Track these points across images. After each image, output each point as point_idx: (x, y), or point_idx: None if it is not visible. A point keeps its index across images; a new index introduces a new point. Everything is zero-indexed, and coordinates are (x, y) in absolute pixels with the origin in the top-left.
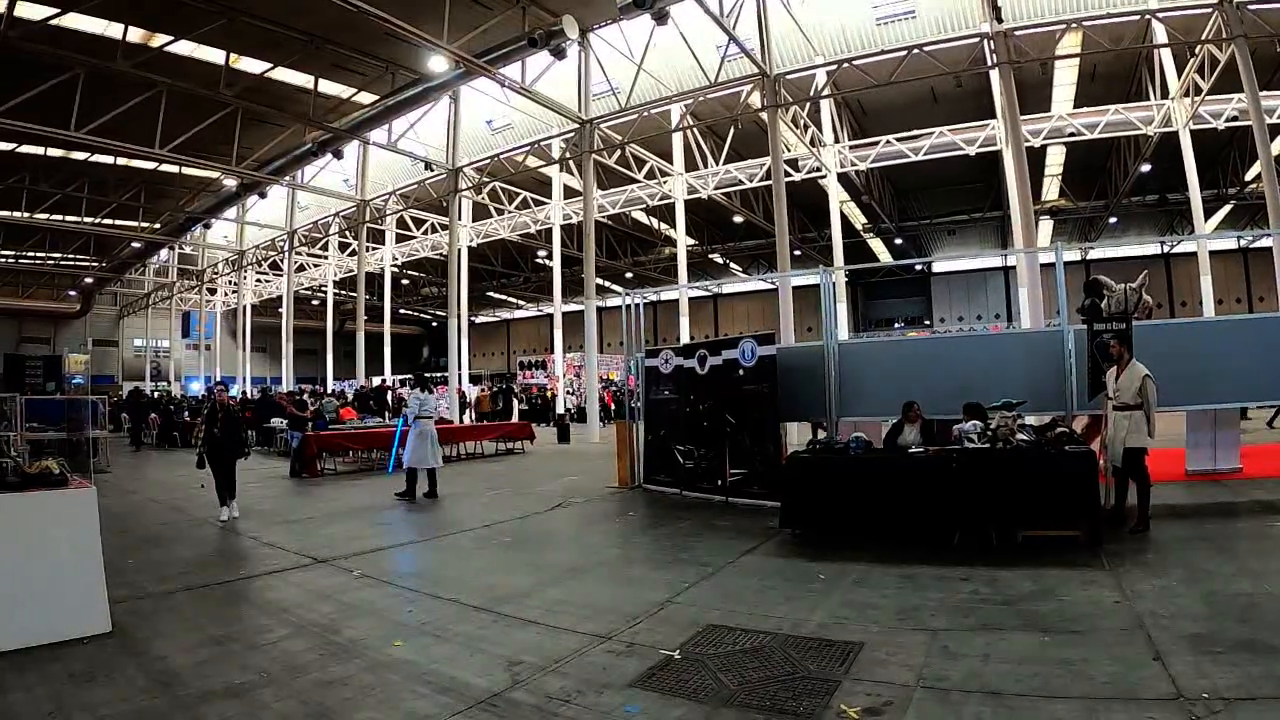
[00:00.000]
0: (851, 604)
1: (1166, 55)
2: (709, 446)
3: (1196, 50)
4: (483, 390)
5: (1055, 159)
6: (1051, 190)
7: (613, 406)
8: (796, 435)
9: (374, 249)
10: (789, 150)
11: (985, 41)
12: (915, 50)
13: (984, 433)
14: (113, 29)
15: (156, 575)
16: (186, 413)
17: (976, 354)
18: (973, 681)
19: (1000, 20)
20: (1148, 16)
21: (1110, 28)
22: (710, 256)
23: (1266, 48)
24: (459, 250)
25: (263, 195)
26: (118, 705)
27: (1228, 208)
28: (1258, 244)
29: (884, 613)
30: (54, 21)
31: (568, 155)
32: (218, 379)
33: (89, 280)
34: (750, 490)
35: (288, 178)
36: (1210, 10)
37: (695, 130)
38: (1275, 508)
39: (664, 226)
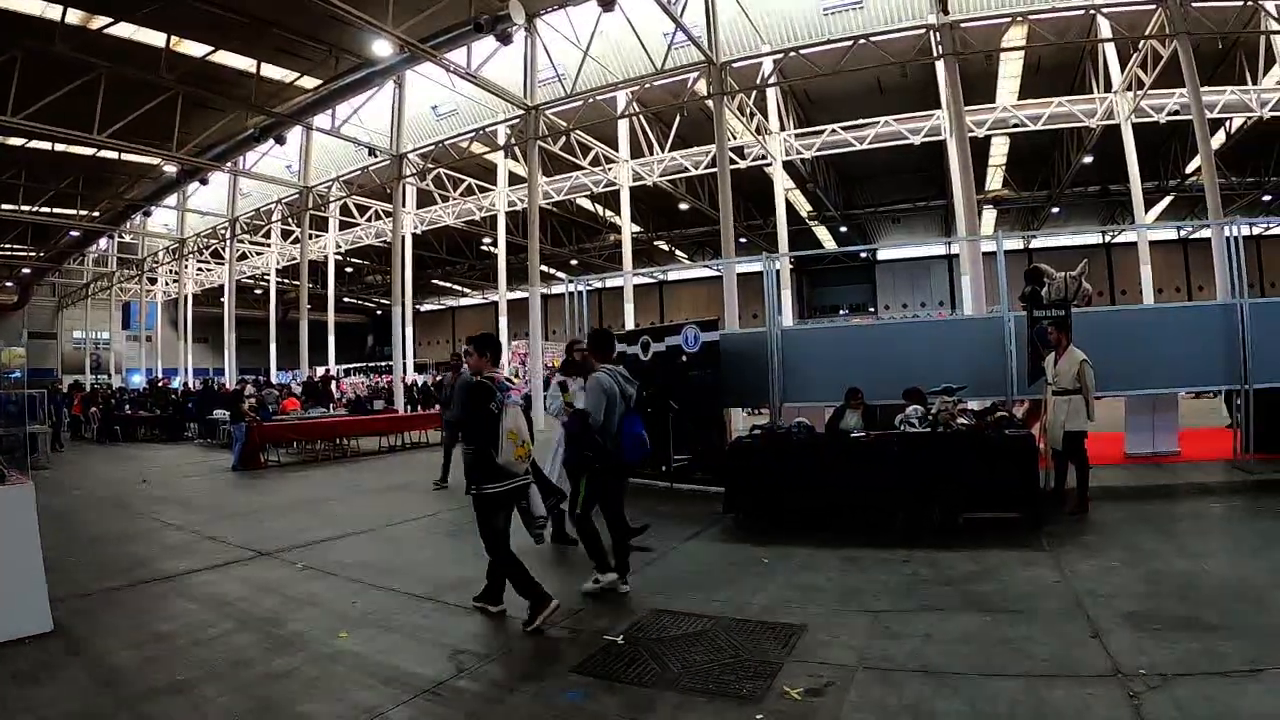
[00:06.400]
0: (795, 587)
1: (1110, 50)
2: (652, 433)
3: (1140, 45)
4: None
5: (999, 149)
6: (995, 180)
7: None
8: (741, 421)
9: (317, 236)
10: (735, 138)
11: (931, 33)
12: (862, 40)
13: (925, 417)
14: (50, 10)
15: (99, 573)
16: (128, 405)
17: (919, 340)
18: (914, 661)
19: (946, 12)
20: (1093, 11)
21: (1055, 22)
22: (656, 244)
23: (1208, 44)
24: (403, 237)
25: (204, 182)
26: (61, 705)
27: (1168, 199)
28: (1197, 235)
29: (827, 595)
30: None
31: (513, 142)
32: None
33: (26, 271)
34: (694, 476)
35: (229, 164)
36: (1154, 6)
37: (641, 117)
38: (1212, 489)
39: (609, 214)
